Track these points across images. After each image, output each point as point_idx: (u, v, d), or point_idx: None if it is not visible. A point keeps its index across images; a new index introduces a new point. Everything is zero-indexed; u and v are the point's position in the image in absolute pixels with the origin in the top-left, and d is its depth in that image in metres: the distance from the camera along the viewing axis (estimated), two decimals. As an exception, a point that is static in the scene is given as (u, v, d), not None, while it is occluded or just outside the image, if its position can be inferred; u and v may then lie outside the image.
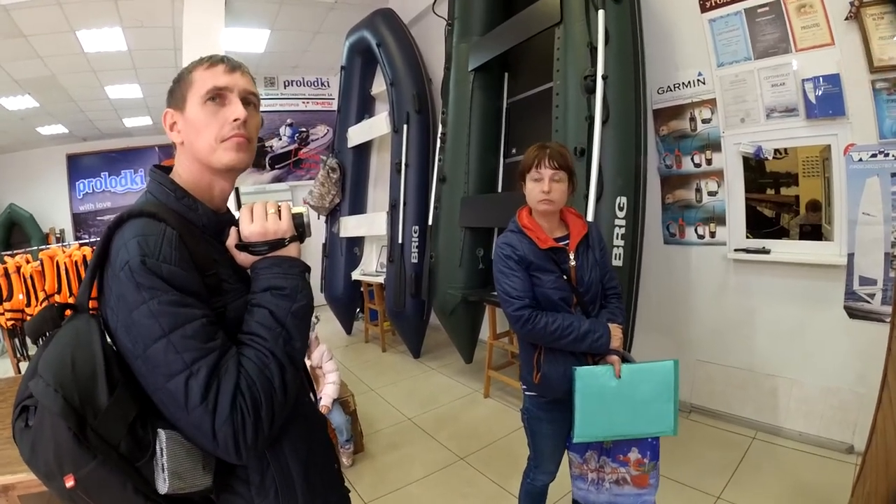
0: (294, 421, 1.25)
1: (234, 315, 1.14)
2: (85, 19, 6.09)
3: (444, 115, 5.49)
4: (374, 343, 7.46)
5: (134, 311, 0.99)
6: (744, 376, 3.99)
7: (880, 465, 1.75)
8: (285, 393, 1.09)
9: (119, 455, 0.94)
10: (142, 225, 1.05)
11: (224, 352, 1.03)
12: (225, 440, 0.99)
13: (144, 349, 0.98)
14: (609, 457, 2.37)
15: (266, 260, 1.19)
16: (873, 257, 3.26)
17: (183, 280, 1.03)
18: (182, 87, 1.21)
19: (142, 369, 0.99)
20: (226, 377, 1.00)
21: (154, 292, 0.99)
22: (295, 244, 1.24)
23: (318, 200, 7.43)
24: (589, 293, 2.28)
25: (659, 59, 4.10)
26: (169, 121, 1.24)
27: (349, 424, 3.88)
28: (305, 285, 1.21)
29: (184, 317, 1.00)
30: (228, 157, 1.20)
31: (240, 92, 1.22)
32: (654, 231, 4.36)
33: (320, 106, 9.93)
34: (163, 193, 1.18)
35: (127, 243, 1.02)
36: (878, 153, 3.16)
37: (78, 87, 8.23)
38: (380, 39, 6.41)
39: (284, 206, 1.25)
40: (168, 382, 0.97)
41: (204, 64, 1.21)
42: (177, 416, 0.99)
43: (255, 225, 1.19)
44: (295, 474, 1.24)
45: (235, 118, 1.19)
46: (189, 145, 1.21)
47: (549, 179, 2.18)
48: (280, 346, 1.09)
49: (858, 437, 3.34)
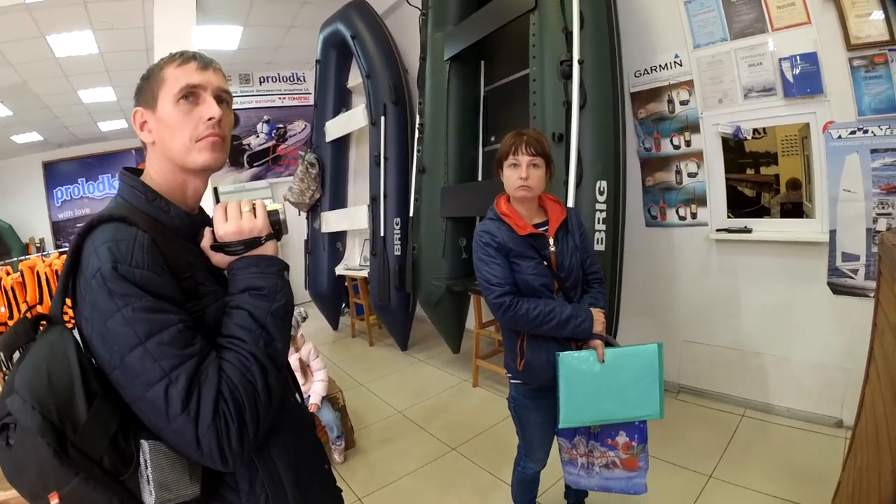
0: (281, 423, 1.23)
1: (213, 318, 1.11)
2: (55, 24, 5.97)
3: (422, 105, 5.46)
4: (361, 338, 7.43)
5: (108, 319, 0.96)
6: (730, 355, 4.01)
7: (870, 439, 1.76)
8: (269, 395, 1.06)
9: (102, 470, 0.91)
10: (112, 230, 1.02)
11: (203, 357, 1.01)
12: (210, 448, 0.96)
13: (121, 359, 0.95)
14: (598, 441, 2.38)
15: (242, 260, 1.17)
16: (855, 233, 3.28)
17: (157, 285, 1.00)
18: (152, 85, 1.17)
19: (120, 380, 0.96)
20: (206, 383, 0.98)
21: (128, 299, 0.96)
22: (272, 242, 1.22)
23: (298, 196, 7.37)
24: (570, 278, 2.28)
25: (635, 43, 4.09)
26: (139, 120, 1.20)
27: (338, 421, 3.85)
28: (284, 284, 1.19)
29: (159, 323, 0.97)
30: (204, 158, 1.17)
31: (213, 90, 1.19)
32: (636, 214, 4.37)
33: (297, 101, 9.83)
34: (133, 196, 1.15)
35: (97, 249, 0.99)
36: (857, 130, 3.18)
37: (51, 93, 8.08)
38: (354, 31, 6.35)
39: (259, 204, 1.22)
40: (147, 392, 0.95)
41: (175, 61, 1.17)
42: (159, 425, 0.96)
43: (230, 224, 1.17)
44: (285, 478, 1.21)
45: (210, 117, 1.16)
46: (162, 145, 1.17)
47: (527, 166, 2.17)
48: (261, 348, 1.07)
49: (847, 411, 3.37)
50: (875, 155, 3.14)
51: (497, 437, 3.95)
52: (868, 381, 2.01)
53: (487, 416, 4.33)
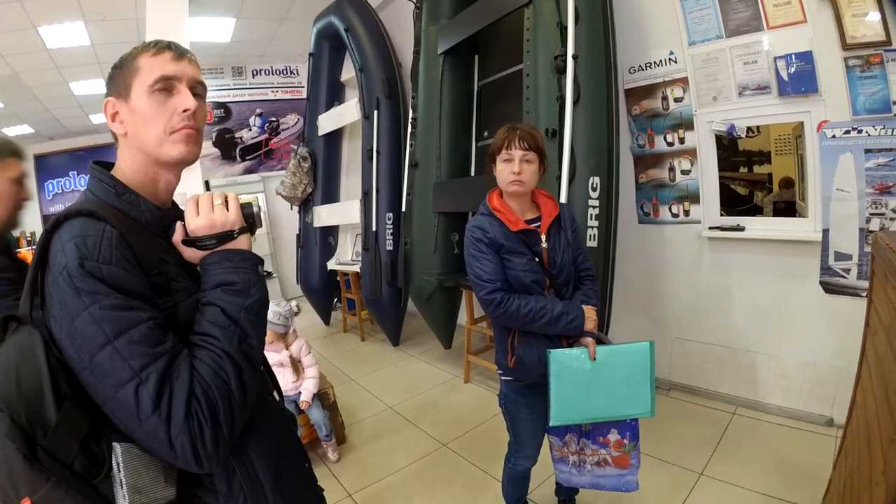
0: (258, 422, 1.21)
1: (185, 315, 1.09)
2: (46, 15, 5.90)
3: (415, 99, 5.43)
4: (352, 333, 7.42)
5: (76, 318, 0.93)
6: (722, 353, 4.02)
7: (862, 439, 1.76)
8: (244, 394, 1.04)
9: (74, 474, 0.89)
10: (80, 225, 0.99)
11: (175, 355, 0.98)
12: (183, 449, 0.94)
13: (90, 359, 0.92)
14: (589, 439, 2.38)
15: (215, 255, 1.14)
16: (848, 232, 3.28)
17: (125, 281, 0.98)
18: (125, 75, 1.14)
19: (89, 380, 0.93)
20: (178, 382, 0.95)
21: (95, 297, 0.93)
22: (245, 236, 1.19)
23: (290, 190, 7.34)
24: (562, 275, 2.27)
25: (630, 39, 4.08)
26: (111, 111, 1.16)
27: (327, 419, 3.83)
28: (259, 279, 1.16)
29: (128, 321, 0.95)
30: (178, 150, 1.15)
31: (188, 81, 1.16)
32: (629, 211, 4.37)
33: (290, 94, 9.76)
34: (102, 190, 1.13)
35: (64, 246, 0.96)
36: (852, 130, 3.17)
37: (42, 85, 8.00)
38: (347, 24, 6.31)
39: (232, 197, 1.19)
40: (117, 392, 0.92)
41: (150, 50, 1.15)
42: (130, 427, 0.94)
43: (202, 218, 1.14)
44: (263, 478, 1.19)
45: (185, 109, 1.14)
46: (134, 137, 1.15)
47: (520, 160, 2.16)
48: (235, 346, 1.05)
49: (837, 410, 3.39)
50: (869, 155, 3.14)
51: (488, 434, 3.94)
52: (860, 381, 2.01)
53: (479, 411, 4.33)
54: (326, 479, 3.59)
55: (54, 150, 10.83)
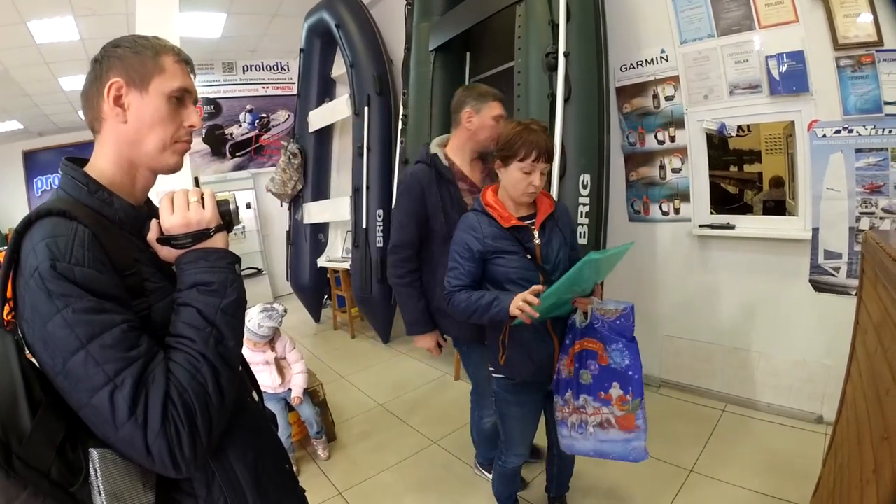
0: (237, 425, 1.19)
1: (161, 317, 1.06)
2: (36, 9, 5.83)
3: (406, 96, 5.40)
4: (343, 330, 7.40)
5: (48, 322, 0.91)
6: (712, 350, 4.03)
7: (851, 437, 1.76)
8: (221, 397, 1.02)
9: (51, 482, 0.87)
10: (51, 225, 0.97)
11: (150, 359, 0.96)
12: (160, 455, 0.92)
13: (63, 364, 0.90)
14: (590, 395, 2.29)
15: (191, 254, 1.11)
16: (838, 231, 3.30)
17: (99, 283, 0.95)
18: (147, 65, 1.12)
19: (64, 386, 0.91)
20: (153, 387, 0.93)
21: (67, 300, 0.91)
22: (221, 234, 1.16)
23: (280, 187, 7.32)
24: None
25: (621, 37, 4.07)
26: (114, 92, 1.11)
27: (318, 416, 3.81)
28: (236, 278, 1.14)
29: (101, 324, 0.92)
30: (175, 161, 1.16)
31: (193, 97, 1.17)
32: (619, 208, 4.37)
33: (280, 91, 9.67)
34: (74, 188, 1.10)
35: (35, 247, 0.94)
36: (842, 129, 3.19)
37: (31, 81, 7.91)
38: (339, 20, 6.29)
39: (208, 194, 1.16)
40: (92, 398, 0.90)
41: (172, 54, 1.14)
42: (106, 433, 0.92)
43: (177, 216, 1.10)
44: (244, 481, 1.18)
45: (192, 125, 1.15)
46: (134, 132, 1.12)
47: (540, 174, 2.13)
48: (211, 348, 1.02)
49: (827, 407, 3.41)
50: (859, 154, 3.15)
51: (478, 431, 3.92)
52: (849, 379, 2.01)
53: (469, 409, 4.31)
54: (316, 477, 3.59)
55: (44, 146, 10.72)
